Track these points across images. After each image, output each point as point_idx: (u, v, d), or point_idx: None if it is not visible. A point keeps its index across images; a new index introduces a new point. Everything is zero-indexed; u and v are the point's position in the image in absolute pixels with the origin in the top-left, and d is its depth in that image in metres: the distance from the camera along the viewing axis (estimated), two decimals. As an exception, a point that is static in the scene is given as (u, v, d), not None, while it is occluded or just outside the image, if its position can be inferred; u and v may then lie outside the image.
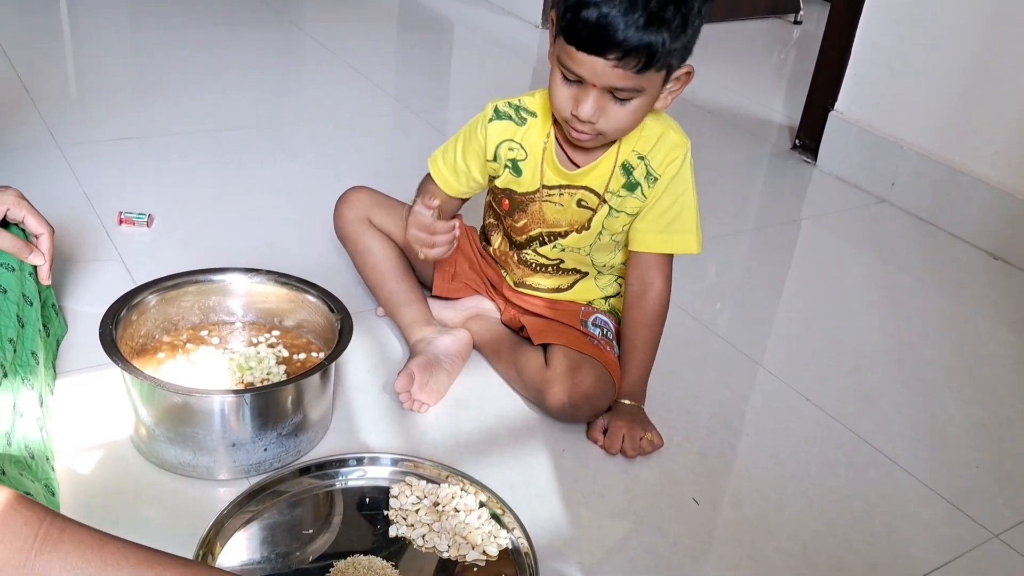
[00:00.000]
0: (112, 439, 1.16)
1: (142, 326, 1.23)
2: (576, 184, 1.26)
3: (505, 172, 1.29)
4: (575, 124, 1.16)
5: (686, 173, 1.26)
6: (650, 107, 1.17)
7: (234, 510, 1.04)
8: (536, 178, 1.28)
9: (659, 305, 1.29)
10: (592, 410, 1.25)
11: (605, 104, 1.13)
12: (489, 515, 1.08)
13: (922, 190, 2.06)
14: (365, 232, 1.42)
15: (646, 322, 1.29)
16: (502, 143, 1.28)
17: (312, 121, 2.25)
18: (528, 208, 1.31)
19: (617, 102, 1.13)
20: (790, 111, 2.63)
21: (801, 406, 1.40)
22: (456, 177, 1.34)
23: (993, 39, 1.89)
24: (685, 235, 1.27)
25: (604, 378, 1.25)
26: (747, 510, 1.18)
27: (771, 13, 3.67)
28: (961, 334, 1.66)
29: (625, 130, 1.18)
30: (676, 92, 1.20)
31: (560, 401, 1.24)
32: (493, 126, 1.28)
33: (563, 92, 1.15)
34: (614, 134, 1.18)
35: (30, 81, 2.19)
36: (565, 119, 1.17)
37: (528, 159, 1.27)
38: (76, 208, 1.67)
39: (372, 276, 1.42)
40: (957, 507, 1.23)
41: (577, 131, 1.17)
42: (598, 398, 1.25)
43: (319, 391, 1.16)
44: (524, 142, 1.27)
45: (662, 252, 1.28)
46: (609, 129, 1.16)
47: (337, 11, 3.14)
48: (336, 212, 1.45)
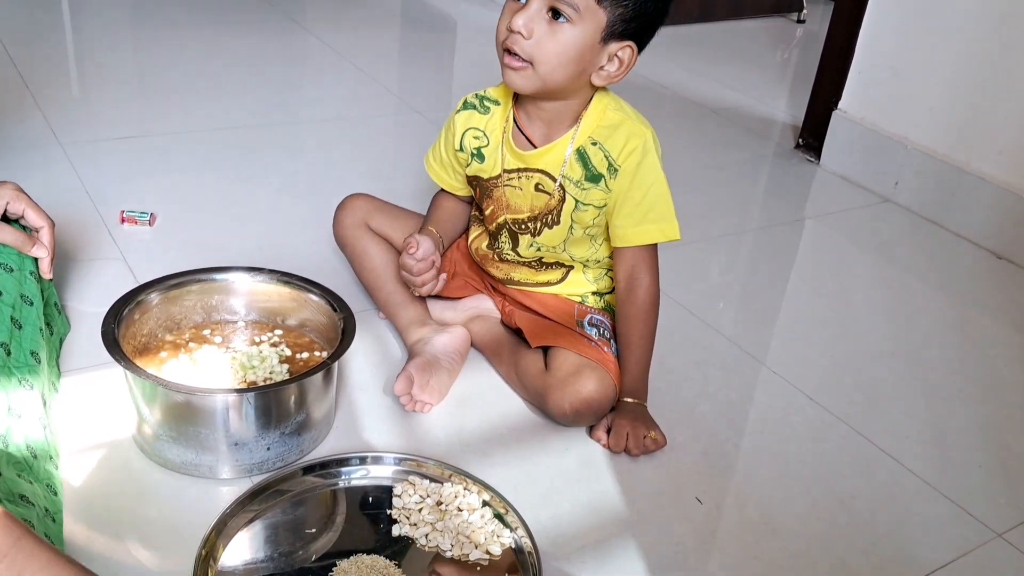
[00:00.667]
0: (115, 438, 1.16)
1: (144, 325, 1.23)
2: (532, 167, 1.27)
3: (472, 160, 1.32)
4: (507, 43, 1.15)
5: (651, 162, 1.24)
6: (585, 53, 1.15)
7: (237, 509, 1.04)
8: (497, 163, 1.30)
9: (648, 298, 1.29)
10: (594, 416, 1.25)
11: (541, 23, 1.13)
12: (492, 514, 1.08)
13: (926, 189, 2.05)
14: (363, 237, 1.43)
15: (638, 316, 1.29)
16: (467, 131, 1.32)
17: (315, 120, 2.25)
18: (493, 194, 1.32)
19: (552, 23, 1.13)
20: (793, 110, 2.62)
21: (805, 406, 1.39)
22: (447, 172, 1.38)
23: (998, 37, 1.89)
24: (662, 223, 1.26)
25: (605, 382, 1.25)
26: (751, 510, 1.18)
27: (774, 12, 3.67)
28: (965, 334, 1.66)
29: (553, 62, 1.14)
30: (617, 74, 1.19)
31: (561, 408, 1.24)
32: (459, 116, 1.32)
33: (505, 16, 1.16)
34: (544, 64, 1.14)
35: (32, 79, 2.19)
36: (501, 42, 1.17)
37: (490, 145, 1.30)
38: (78, 207, 1.67)
39: (370, 279, 1.43)
40: (961, 507, 1.23)
41: (509, 59, 1.16)
42: (600, 403, 1.24)
43: (322, 390, 1.16)
44: (487, 129, 1.30)
45: (642, 244, 1.27)
46: (538, 54, 1.14)
47: (341, 10, 3.14)
48: (335, 219, 1.46)
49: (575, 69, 1.16)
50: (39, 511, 0.96)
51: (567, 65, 1.15)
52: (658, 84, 2.72)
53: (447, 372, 1.31)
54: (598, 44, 1.15)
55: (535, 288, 1.38)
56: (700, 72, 2.92)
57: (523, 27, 1.13)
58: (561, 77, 1.16)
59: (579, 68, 1.17)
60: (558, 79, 1.17)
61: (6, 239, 1.15)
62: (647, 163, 1.23)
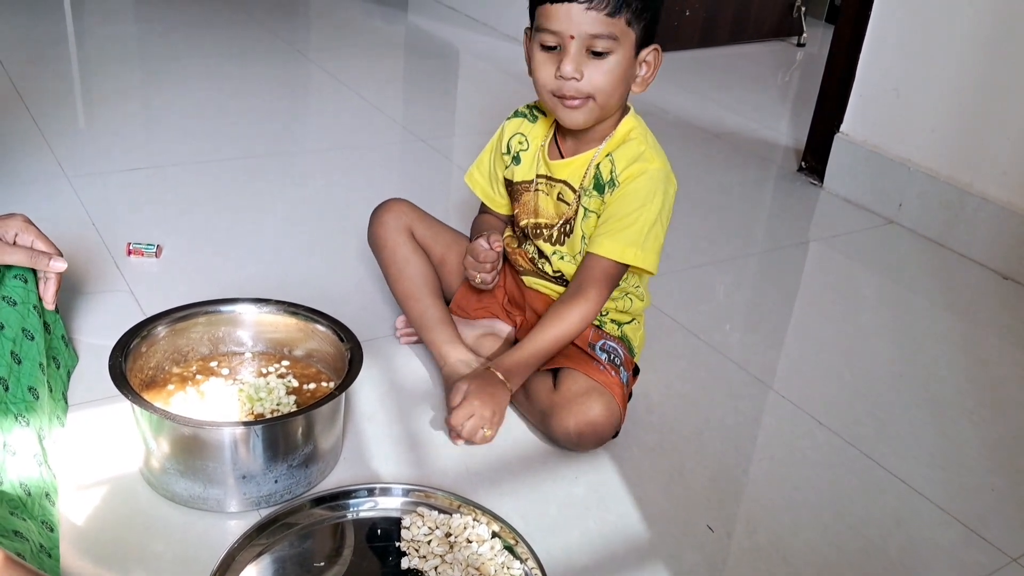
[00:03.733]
0: (122, 472, 1.16)
1: (152, 358, 1.23)
2: (556, 177, 1.32)
3: (511, 163, 1.37)
4: (563, 91, 1.21)
5: (649, 188, 1.26)
6: (628, 71, 1.22)
7: (245, 543, 1.03)
8: (532, 168, 1.35)
9: (578, 319, 1.27)
10: (596, 440, 1.25)
11: (585, 63, 1.19)
12: (502, 546, 1.08)
13: (930, 211, 2.05)
14: (406, 243, 1.43)
15: (561, 319, 1.27)
16: (513, 136, 1.38)
17: (320, 149, 2.26)
18: (522, 198, 1.37)
19: (595, 59, 1.19)
20: (796, 133, 2.63)
21: (814, 430, 1.39)
22: (491, 185, 1.42)
23: (999, 58, 1.89)
24: (633, 247, 1.26)
25: (611, 407, 1.25)
26: (762, 537, 1.17)
27: (775, 36, 3.69)
28: (973, 355, 1.65)
29: (608, 90, 1.21)
30: (649, 77, 1.26)
31: (565, 428, 1.23)
32: (510, 123, 1.39)
33: (545, 66, 1.22)
34: (601, 95, 1.21)
35: (39, 113, 2.20)
36: (552, 91, 1.23)
37: (529, 150, 1.36)
38: (85, 239, 1.67)
39: (407, 288, 1.42)
40: (973, 531, 1.22)
41: (567, 102, 1.22)
42: (604, 427, 1.24)
43: (329, 421, 1.16)
44: (530, 136, 1.36)
45: (604, 255, 1.27)
46: (594, 88, 1.20)
47: (344, 40, 3.17)
48: (376, 219, 1.44)
49: (624, 89, 1.24)
50: (33, 546, 0.96)
51: (618, 88, 1.23)
52: (660, 109, 2.73)
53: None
54: (634, 59, 1.23)
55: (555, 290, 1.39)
56: (702, 96, 2.93)
57: (575, 72, 1.19)
58: (616, 100, 1.25)
59: (627, 85, 1.25)
60: (614, 101, 1.25)
61: (19, 259, 1.15)
62: (643, 184, 1.26)
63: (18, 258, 1.14)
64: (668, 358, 1.53)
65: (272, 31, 3.12)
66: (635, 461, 1.28)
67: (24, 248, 1.15)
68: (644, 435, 1.34)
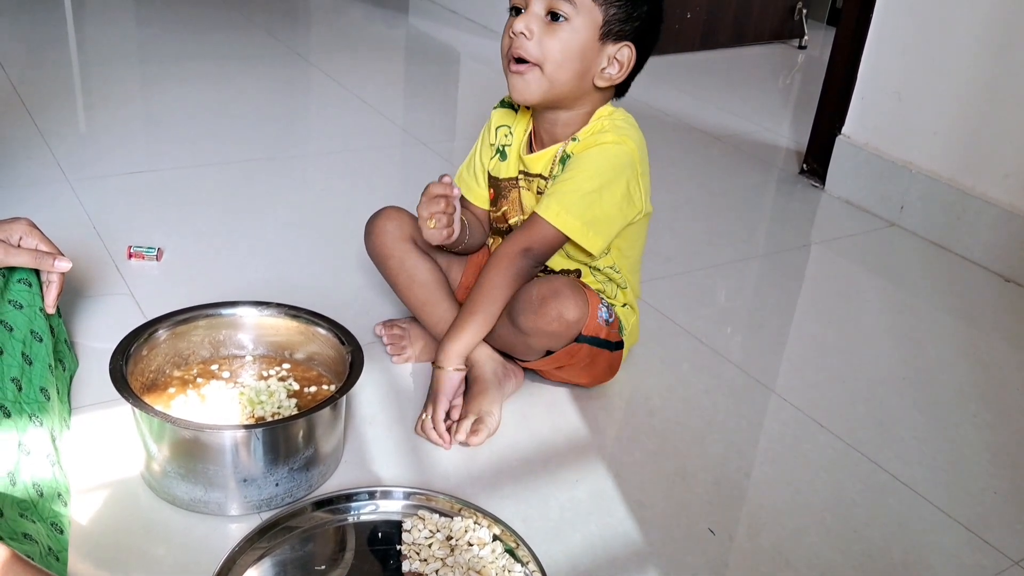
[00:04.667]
0: (123, 476, 1.16)
1: (152, 361, 1.23)
2: (531, 171, 1.32)
3: (496, 157, 1.37)
4: (512, 48, 1.20)
5: (595, 156, 1.25)
6: (586, 50, 1.20)
7: (246, 546, 1.03)
8: (515, 164, 1.35)
9: (500, 253, 1.26)
10: (559, 309, 1.22)
11: (540, 24, 1.19)
12: (503, 549, 1.07)
13: (932, 213, 2.05)
14: (412, 251, 1.38)
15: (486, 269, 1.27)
16: (500, 127, 1.38)
17: (321, 153, 2.26)
18: (509, 195, 1.37)
19: (552, 25, 1.18)
20: (797, 136, 2.63)
21: (816, 433, 1.38)
22: (474, 177, 1.41)
23: (1001, 60, 1.89)
24: (556, 205, 1.24)
25: (579, 293, 1.24)
26: (764, 540, 1.17)
27: (776, 38, 3.69)
28: (976, 358, 1.65)
29: (558, 59, 1.20)
30: (619, 76, 1.25)
31: (529, 294, 1.23)
32: (496, 112, 1.39)
33: (506, 31, 1.22)
34: (549, 64, 1.20)
35: (40, 116, 2.20)
36: (506, 50, 1.22)
37: (513, 145, 1.35)
38: (85, 242, 1.67)
39: (421, 295, 1.38)
40: (976, 534, 1.22)
41: (514, 66, 1.21)
42: (568, 300, 1.22)
43: (330, 425, 1.16)
44: (515, 128, 1.35)
45: (536, 211, 1.26)
46: (543, 54, 1.19)
47: (345, 43, 3.17)
48: (375, 228, 1.40)
49: (578, 67, 1.21)
50: (42, 548, 0.96)
51: (571, 62, 1.20)
52: (661, 112, 2.73)
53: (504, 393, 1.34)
54: (597, 43, 1.21)
55: None
56: (703, 99, 2.93)
57: (524, 28, 1.19)
58: (566, 75, 1.21)
59: (582, 67, 1.22)
60: (563, 77, 1.21)
61: (25, 260, 1.15)
62: (590, 154, 1.25)
63: (23, 259, 1.14)
64: (670, 361, 1.53)
65: (273, 34, 3.12)
66: (637, 464, 1.28)
67: (29, 250, 1.15)
68: (646, 438, 1.33)
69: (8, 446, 1.02)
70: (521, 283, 1.26)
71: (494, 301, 1.26)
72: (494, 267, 1.26)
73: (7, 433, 1.03)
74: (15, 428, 1.04)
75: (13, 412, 1.05)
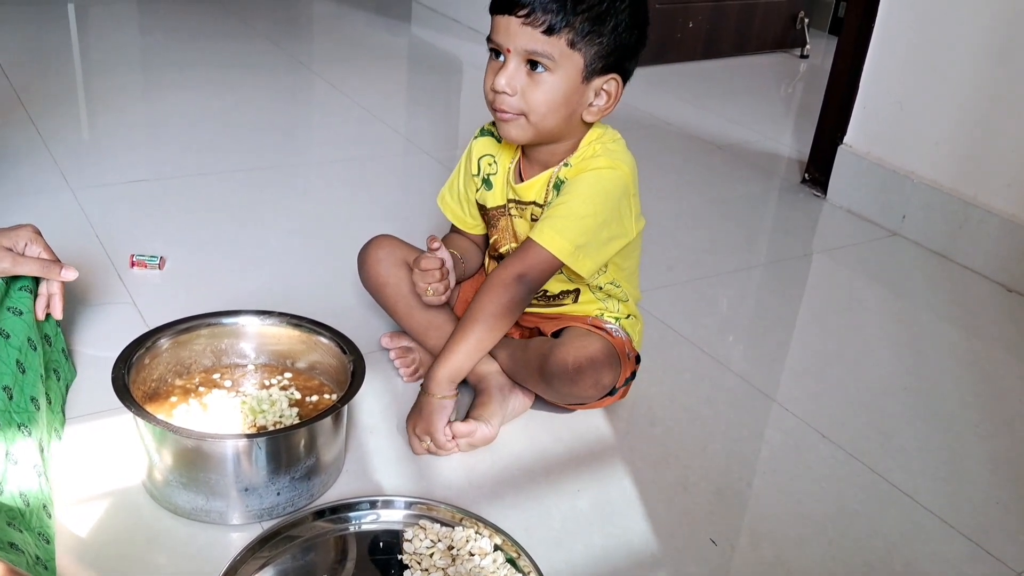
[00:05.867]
0: (124, 484, 1.16)
1: (154, 370, 1.23)
2: (523, 199, 1.31)
3: (481, 187, 1.35)
4: (495, 104, 1.19)
5: (587, 182, 1.23)
6: (571, 95, 1.18)
7: (247, 556, 1.03)
8: (503, 193, 1.33)
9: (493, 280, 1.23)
10: (595, 377, 1.22)
11: (521, 77, 1.17)
12: (504, 559, 1.07)
13: (934, 223, 2.05)
14: (408, 277, 1.35)
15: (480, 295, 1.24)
16: (483, 157, 1.35)
17: (323, 161, 2.26)
18: (499, 223, 1.35)
19: (532, 75, 1.17)
20: (799, 145, 2.63)
21: (818, 443, 1.38)
22: (461, 207, 1.39)
23: (1003, 70, 1.89)
24: (549, 231, 1.22)
25: (611, 351, 1.24)
26: (765, 550, 1.17)
27: (778, 47, 3.69)
28: (978, 368, 1.65)
29: (542, 111, 1.18)
30: (608, 107, 1.23)
31: (563, 362, 1.22)
32: (477, 142, 1.36)
33: (488, 76, 1.20)
34: (534, 114, 1.18)
35: (42, 123, 2.21)
36: (490, 102, 1.21)
37: (498, 174, 1.33)
38: (88, 251, 1.67)
39: (423, 320, 1.37)
40: (979, 544, 1.21)
41: (500, 111, 1.20)
42: (603, 365, 1.23)
43: (332, 434, 1.16)
44: (499, 157, 1.33)
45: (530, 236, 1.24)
46: (528, 106, 1.18)
47: (347, 52, 3.18)
48: (367, 258, 1.39)
49: (564, 112, 1.20)
50: (29, 558, 0.95)
51: (556, 110, 1.19)
52: (663, 121, 2.74)
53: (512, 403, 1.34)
54: (581, 84, 1.19)
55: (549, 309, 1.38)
56: (705, 108, 2.94)
57: (506, 86, 1.17)
58: (553, 122, 1.20)
59: (568, 110, 1.20)
60: (550, 125, 1.20)
61: (32, 269, 1.16)
62: (583, 179, 1.23)
63: (30, 268, 1.16)
64: (671, 371, 1.53)
65: (276, 43, 3.13)
66: (638, 474, 1.28)
67: (36, 259, 1.17)
68: (647, 448, 1.33)
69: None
70: (517, 311, 1.25)
71: (489, 328, 1.23)
72: (488, 294, 1.23)
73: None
74: (3, 438, 1.03)
75: (2, 421, 1.04)
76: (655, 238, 1.46)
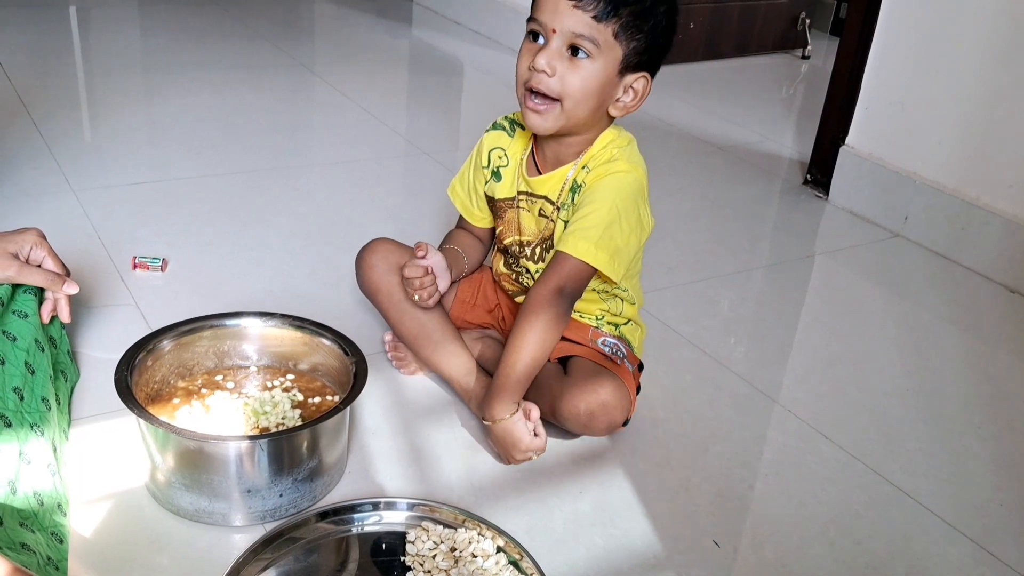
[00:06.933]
0: (127, 486, 1.16)
1: (157, 372, 1.23)
2: (536, 193, 1.31)
3: (491, 179, 1.36)
4: (532, 83, 1.18)
5: (611, 187, 1.23)
6: (606, 86, 1.19)
7: (250, 557, 1.03)
8: (513, 185, 1.33)
9: (534, 298, 1.21)
10: (607, 422, 1.23)
11: (562, 60, 1.17)
12: (507, 561, 1.07)
13: (937, 224, 2.05)
14: (400, 285, 1.35)
15: (521, 313, 1.23)
16: (493, 150, 1.36)
17: (325, 163, 2.26)
18: (505, 215, 1.35)
19: (573, 61, 1.16)
20: (801, 146, 2.63)
21: (821, 445, 1.38)
22: (470, 198, 1.41)
23: (1005, 70, 1.89)
24: (583, 242, 1.21)
25: (621, 390, 1.24)
26: (768, 552, 1.17)
27: (779, 48, 3.69)
28: (981, 369, 1.65)
29: (578, 97, 1.18)
30: (632, 105, 1.24)
31: (575, 410, 1.22)
32: (488, 135, 1.37)
33: (525, 56, 1.20)
34: (569, 100, 1.18)
35: (44, 126, 2.21)
36: (523, 82, 1.20)
37: (509, 166, 1.34)
38: (90, 253, 1.67)
39: (413, 328, 1.37)
40: (981, 546, 1.21)
41: (530, 102, 1.20)
42: (614, 408, 1.23)
43: (334, 435, 1.16)
44: (510, 151, 1.34)
45: (561, 249, 1.24)
46: (563, 90, 1.17)
47: (349, 54, 3.18)
48: (363, 264, 1.39)
49: (597, 102, 1.21)
50: (40, 559, 0.96)
51: (590, 99, 1.19)
52: (665, 122, 2.74)
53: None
54: (616, 77, 1.20)
55: None
56: (706, 110, 2.94)
57: (547, 65, 1.17)
58: (585, 111, 1.21)
59: (600, 101, 1.21)
60: (582, 113, 1.21)
61: (36, 280, 1.18)
62: (606, 185, 1.23)
63: (35, 279, 1.18)
64: (673, 373, 1.52)
65: (277, 45, 3.13)
66: (641, 476, 1.28)
67: (40, 270, 1.18)
68: (650, 450, 1.33)
69: (9, 455, 1.02)
70: (562, 323, 1.23)
71: (540, 344, 1.21)
72: (532, 315, 1.21)
73: (8, 442, 1.03)
74: (16, 438, 1.04)
75: (14, 422, 1.05)
76: (656, 239, 1.46)
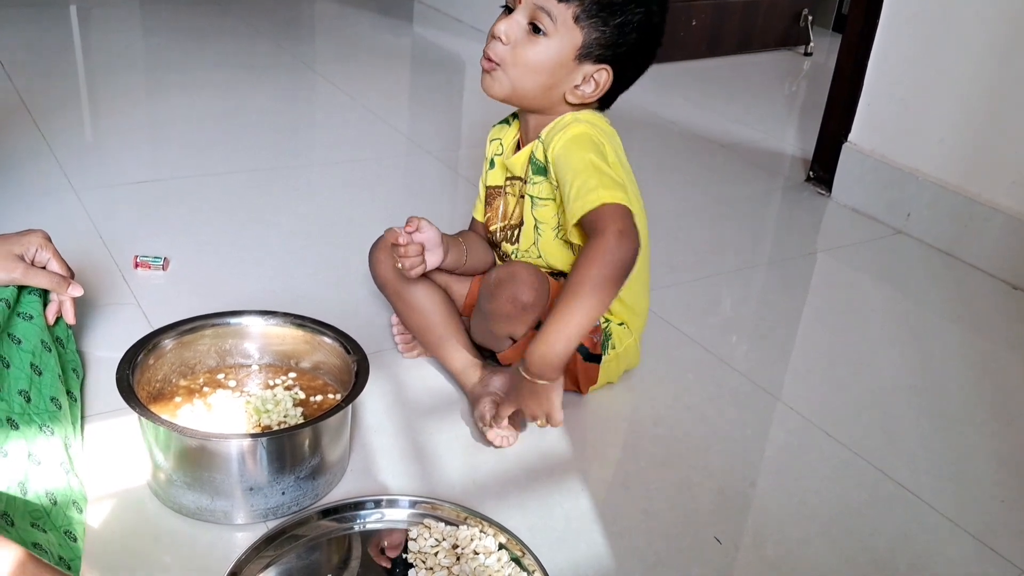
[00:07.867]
0: (129, 484, 1.16)
1: (159, 370, 1.23)
2: (514, 174, 1.34)
3: (488, 169, 1.40)
4: (487, 48, 1.23)
5: (569, 149, 1.22)
6: (558, 67, 1.22)
7: (252, 555, 1.03)
8: (501, 172, 1.37)
9: (596, 249, 1.11)
10: (512, 286, 1.20)
11: (520, 31, 1.21)
12: (509, 558, 1.07)
13: (939, 221, 2.05)
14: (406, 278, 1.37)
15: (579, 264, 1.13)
16: (493, 141, 1.41)
17: (327, 162, 2.26)
18: (494, 203, 1.39)
19: (531, 35, 1.20)
20: (803, 143, 2.63)
21: (822, 442, 1.38)
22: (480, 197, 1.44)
23: (1007, 68, 1.89)
24: (591, 195, 1.17)
25: (537, 277, 1.22)
26: (769, 550, 1.17)
27: (781, 45, 3.69)
28: (983, 366, 1.64)
29: (524, 71, 1.22)
30: (589, 96, 1.26)
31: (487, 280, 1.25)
32: (492, 129, 1.43)
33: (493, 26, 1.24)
34: (514, 69, 1.22)
35: (45, 125, 2.21)
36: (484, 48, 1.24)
37: (503, 154, 1.38)
38: (92, 252, 1.68)
39: (419, 320, 1.39)
40: (983, 542, 1.21)
41: (483, 62, 1.24)
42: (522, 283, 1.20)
43: (336, 433, 1.16)
44: (505, 140, 1.38)
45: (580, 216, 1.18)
46: (513, 60, 1.21)
47: (350, 52, 3.18)
48: (372, 258, 1.41)
49: (544, 80, 1.23)
50: (52, 559, 0.96)
51: (536, 74, 1.22)
52: (666, 119, 2.73)
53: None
54: (572, 62, 1.22)
55: None
56: (708, 107, 2.93)
57: (504, 33, 1.21)
58: (530, 85, 1.23)
59: (550, 81, 1.23)
60: (527, 86, 1.24)
61: (41, 282, 1.18)
62: (566, 150, 1.23)
63: (40, 281, 1.19)
64: (675, 370, 1.52)
65: (278, 43, 3.13)
66: (642, 473, 1.28)
67: (46, 272, 1.19)
68: (651, 447, 1.33)
69: (18, 458, 1.03)
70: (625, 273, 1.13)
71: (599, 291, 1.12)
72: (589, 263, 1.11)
73: (16, 444, 1.03)
74: (24, 439, 1.04)
75: (21, 423, 1.05)
76: (658, 237, 1.46)
